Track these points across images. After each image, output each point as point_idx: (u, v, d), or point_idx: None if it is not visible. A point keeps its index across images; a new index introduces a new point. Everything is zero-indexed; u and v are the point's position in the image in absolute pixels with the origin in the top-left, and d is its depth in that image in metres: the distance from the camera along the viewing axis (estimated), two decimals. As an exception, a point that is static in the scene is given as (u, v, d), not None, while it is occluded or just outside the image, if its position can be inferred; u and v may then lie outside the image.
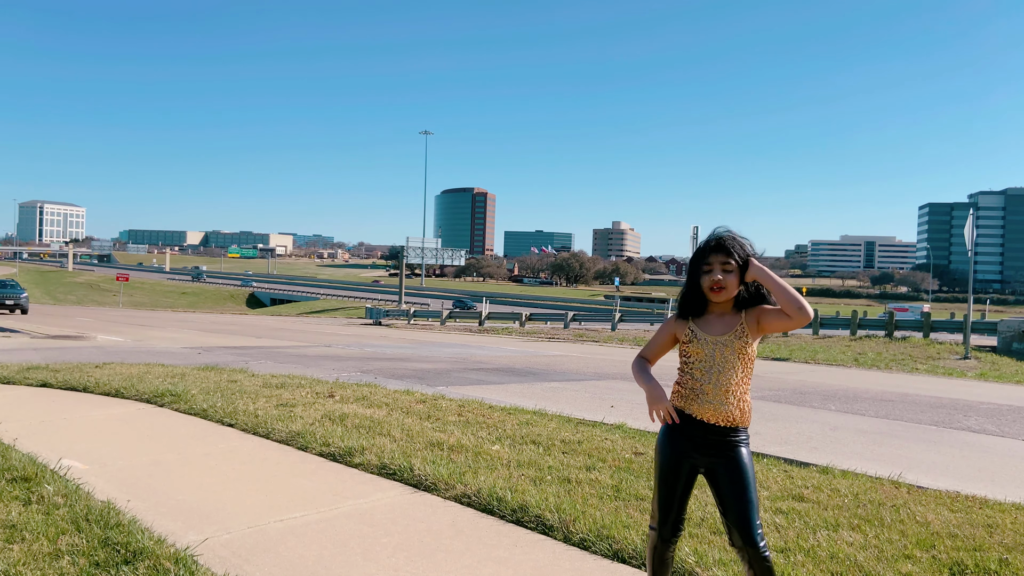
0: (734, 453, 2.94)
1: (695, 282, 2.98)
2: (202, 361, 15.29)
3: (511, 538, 4.26)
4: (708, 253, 2.95)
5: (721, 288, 2.92)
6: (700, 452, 2.97)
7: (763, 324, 2.96)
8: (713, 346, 2.95)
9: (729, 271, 2.92)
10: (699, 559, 3.83)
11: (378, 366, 15.62)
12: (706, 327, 2.99)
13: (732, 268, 2.92)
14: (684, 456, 3.00)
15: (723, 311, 2.99)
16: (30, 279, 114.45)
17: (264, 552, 3.96)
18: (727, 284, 2.92)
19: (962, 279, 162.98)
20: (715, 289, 2.92)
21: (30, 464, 5.25)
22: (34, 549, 3.75)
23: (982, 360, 19.28)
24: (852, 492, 5.26)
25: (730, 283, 2.92)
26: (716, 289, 2.92)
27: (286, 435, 6.63)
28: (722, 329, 2.96)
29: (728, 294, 2.93)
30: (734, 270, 2.92)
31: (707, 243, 2.97)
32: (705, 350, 2.96)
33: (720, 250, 2.93)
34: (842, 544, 4.14)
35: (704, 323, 3.00)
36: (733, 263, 2.91)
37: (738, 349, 2.94)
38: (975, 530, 4.49)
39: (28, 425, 7.17)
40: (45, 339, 23.70)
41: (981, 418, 9.76)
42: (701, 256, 2.97)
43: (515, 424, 7.39)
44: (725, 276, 2.92)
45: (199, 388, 9.11)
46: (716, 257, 2.93)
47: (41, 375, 10.58)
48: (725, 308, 2.99)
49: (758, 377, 14.50)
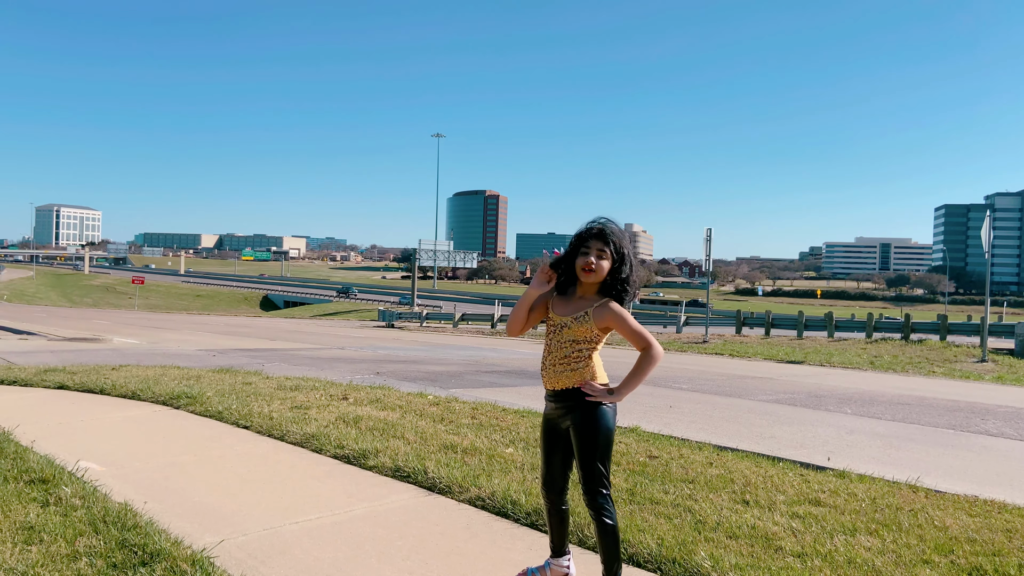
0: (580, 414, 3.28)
1: (570, 259, 3.27)
2: (217, 363, 15.37)
3: (526, 541, 4.25)
4: (588, 238, 3.25)
5: (591, 271, 3.21)
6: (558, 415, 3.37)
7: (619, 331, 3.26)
8: (559, 320, 3.30)
9: (603, 258, 3.22)
10: (715, 563, 3.81)
11: (391, 368, 15.65)
12: (561, 307, 3.33)
13: (606, 255, 3.23)
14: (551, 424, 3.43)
15: (584, 294, 3.30)
16: (46, 282, 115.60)
17: (280, 554, 3.97)
18: (598, 268, 3.22)
19: (979, 281, 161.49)
20: (586, 270, 3.22)
21: (48, 466, 5.29)
22: (52, 550, 3.77)
23: (999, 363, 19.09)
24: (869, 496, 5.22)
25: (601, 268, 3.22)
26: (587, 270, 3.22)
27: (301, 437, 6.65)
28: (572, 310, 3.28)
29: (597, 277, 3.23)
30: (607, 258, 3.23)
31: (589, 228, 3.26)
32: (553, 324, 3.34)
33: (600, 237, 3.23)
34: (860, 549, 4.11)
35: (562, 302, 3.33)
36: (608, 251, 3.22)
37: (574, 332, 3.26)
38: (994, 535, 4.44)
39: (46, 427, 7.23)
40: (62, 341, 23.92)
41: (999, 422, 9.66)
42: (582, 239, 3.26)
43: (528, 427, 7.38)
44: (597, 261, 3.22)
45: (214, 390, 9.16)
46: (595, 243, 3.23)
47: (58, 377, 10.67)
48: (588, 291, 3.30)
49: (772, 380, 14.43)
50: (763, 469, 5.98)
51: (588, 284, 3.27)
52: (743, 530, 4.35)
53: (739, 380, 14.23)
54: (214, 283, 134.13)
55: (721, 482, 5.46)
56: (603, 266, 3.22)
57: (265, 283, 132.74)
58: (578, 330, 3.26)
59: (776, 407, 10.59)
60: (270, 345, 23.67)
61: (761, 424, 8.95)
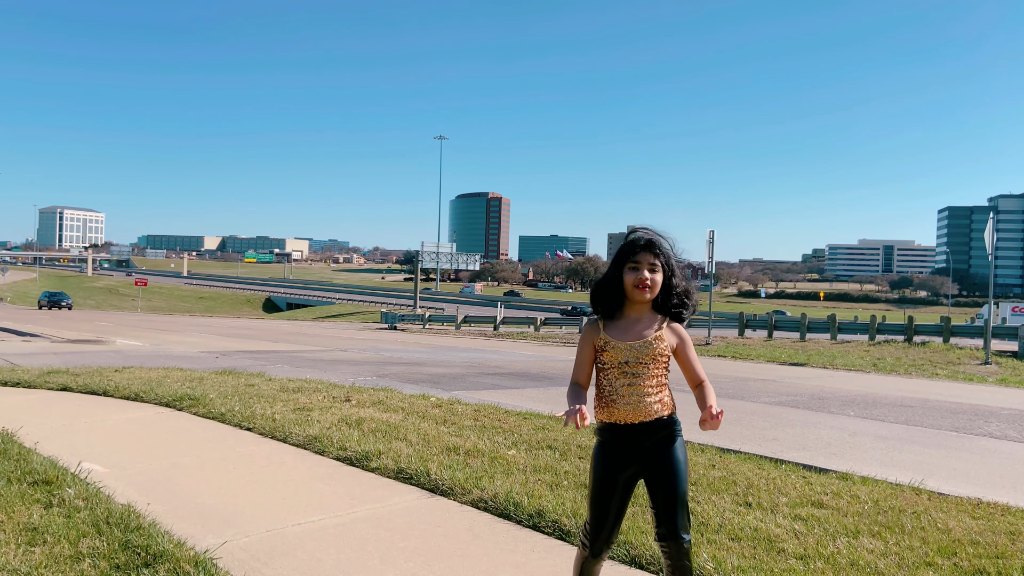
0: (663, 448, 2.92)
1: (617, 278, 2.92)
2: (220, 365, 15.39)
3: (528, 543, 4.25)
4: (637, 250, 2.91)
5: (647, 287, 2.88)
6: (633, 455, 2.93)
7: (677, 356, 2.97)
8: (627, 351, 2.91)
9: (655, 271, 2.90)
10: (718, 565, 3.81)
11: (394, 370, 15.66)
12: (620, 333, 2.94)
13: (658, 268, 2.91)
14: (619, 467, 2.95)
15: (640, 314, 2.95)
16: (50, 284, 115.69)
17: (282, 556, 3.98)
18: (653, 284, 2.89)
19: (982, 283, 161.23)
20: (640, 287, 2.88)
21: (51, 467, 5.30)
22: (55, 552, 3.78)
23: (1003, 365, 19.06)
24: (872, 499, 5.22)
25: (656, 283, 2.90)
26: (642, 287, 2.88)
27: (303, 439, 6.65)
28: (636, 335, 2.92)
29: (652, 294, 2.91)
30: (660, 271, 2.91)
31: (635, 240, 2.93)
32: (619, 356, 2.91)
33: (649, 248, 2.91)
34: (862, 551, 4.11)
35: (617, 328, 2.95)
36: (660, 264, 2.91)
37: (652, 354, 2.91)
38: (997, 537, 4.44)
39: (49, 429, 7.24)
40: (65, 343, 23.97)
41: (1002, 424, 9.65)
42: (629, 252, 2.92)
43: (531, 429, 7.38)
44: (651, 275, 2.89)
45: (217, 392, 9.17)
46: (644, 256, 2.90)
47: (61, 379, 10.69)
48: (642, 311, 2.95)
49: (775, 382, 14.42)
50: (766, 471, 5.97)
51: (640, 304, 2.93)
52: (746, 532, 4.35)
53: (742, 382, 14.22)
54: (217, 285, 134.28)
55: (723, 484, 5.46)
56: (657, 281, 2.90)
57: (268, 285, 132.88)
58: (652, 353, 2.91)
59: (779, 409, 10.58)
60: (273, 347, 23.70)
61: (764, 426, 8.94)
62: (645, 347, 2.90)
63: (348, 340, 29.33)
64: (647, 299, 2.91)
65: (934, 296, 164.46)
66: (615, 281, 2.93)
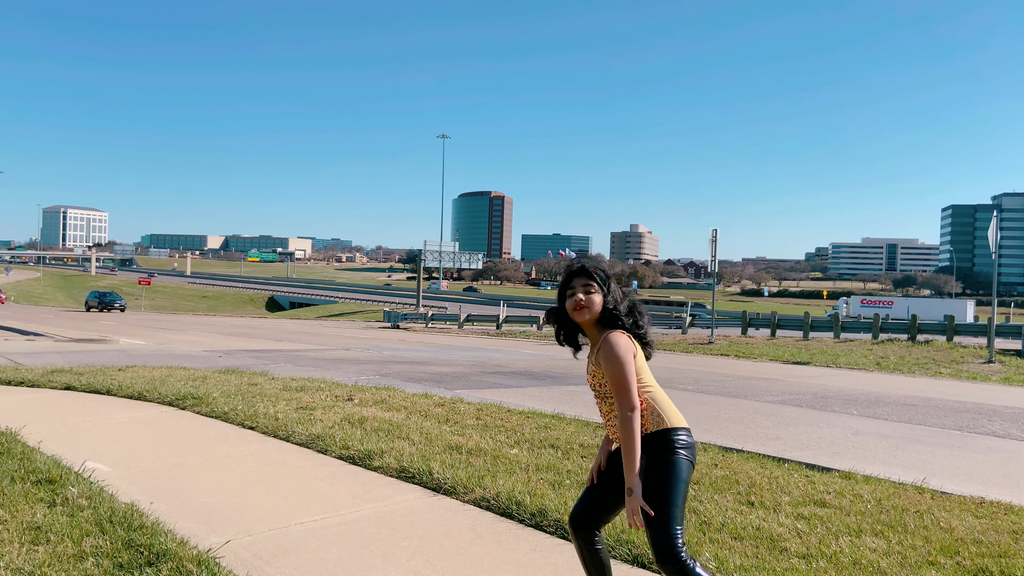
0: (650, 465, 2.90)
1: (561, 307, 3.08)
2: (223, 364, 15.42)
3: (530, 542, 4.26)
4: (569, 279, 3.06)
5: (583, 307, 2.99)
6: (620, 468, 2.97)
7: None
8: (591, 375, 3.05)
9: (591, 292, 3.00)
10: (720, 564, 3.81)
11: (396, 369, 15.67)
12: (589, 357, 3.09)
13: (594, 289, 3.00)
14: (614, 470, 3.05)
15: (593, 337, 3.06)
16: (53, 283, 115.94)
17: (285, 554, 3.98)
18: (589, 303, 2.99)
19: (986, 282, 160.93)
20: (578, 309, 3.00)
21: (55, 466, 5.32)
22: (59, 551, 3.79)
23: (1007, 364, 19.02)
24: (875, 498, 5.21)
25: (593, 302, 2.99)
26: (579, 308, 3.00)
27: (306, 438, 6.67)
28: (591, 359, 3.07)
29: (591, 312, 2.99)
30: (596, 291, 3.00)
31: (570, 268, 3.09)
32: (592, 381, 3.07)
33: (581, 273, 3.03)
34: (865, 550, 4.10)
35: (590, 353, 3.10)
36: (595, 284, 3.00)
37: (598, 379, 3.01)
38: (1000, 536, 4.43)
39: (52, 428, 7.26)
40: (68, 342, 24.02)
41: (1006, 423, 9.63)
42: (566, 281, 3.07)
43: (533, 428, 7.39)
44: (587, 296, 2.99)
45: (220, 391, 9.19)
46: (577, 280, 3.03)
47: (65, 378, 10.72)
48: (594, 333, 3.05)
49: (778, 381, 14.40)
50: (768, 470, 5.97)
51: (585, 325, 3.04)
52: (748, 531, 4.35)
53: (745, 381, 14.21)
54: (220, 284, 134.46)
55: (726, 483, 5.46)
56: (594, 300, 2.98)
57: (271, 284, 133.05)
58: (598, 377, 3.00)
59: (782, 408, 10.57)
60: (276, 346, 23.72)
61: (767, 425, 8.94)
62: (594, 370, 3.02)
63: (351, 339, 29.35)
64: (586, 319, 3.02)
65: (938, 295, 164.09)
66: (560, 310, 3.10)
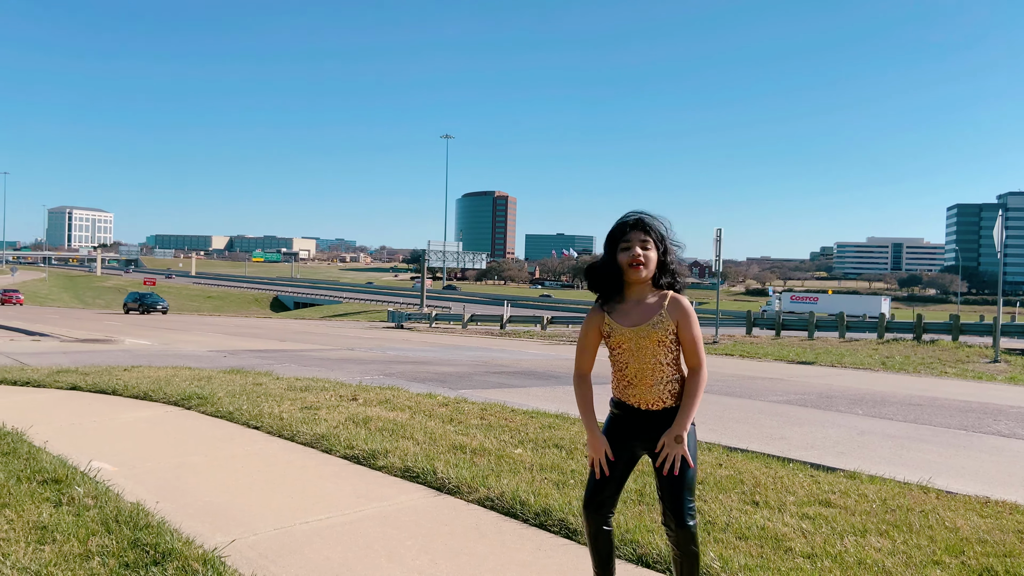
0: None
1: (612, 260, 2.95)
2: (228, 364, 15.45)
3: (534, 541, 4.26)
4: (627, 230, 2.95)
5: (640, 264, 2.91)
6: (640, 438, 3.01)
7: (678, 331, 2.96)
8: (632, 337, 2.95)
9: (647, 248, 2.93)
10: (724, 564, 3.81)
11: (400, 369, 15.69)
12: (622, 317, 2.97)
13: (650, 246, 2.93)
14: (624, 442, 3.03)
15: (640, 296, 2.98)
16: (59, 283, 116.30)
17: (290, 554, 3.99)
18: (646, 260, 2.92)
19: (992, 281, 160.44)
20: (634, 265, 2.91)
21: (60, 466, 5.33)
22: (65, 550, 3.81)
23: (1012, 363, 18.95)
24: (880, 497, 5.20)
25: (649, 259, 2.93)
26: (635, 265, 2.91)
27: (311, 438, 6.68)
28: (639, 318, 2.95)
29: (647, 271, 2.93)
30: (652, 248, 2.94)
31: (624, 221, 2.97)
32: (625, 342, 2.96)
33: (638, 227, 2.94)
34: (870, 550, 4.10)
35: (620, 313, 2.98)
36: (652, 241, 2.94)
37: (658, 338, 2.94)
38: (1005, 536, 4.42)
39: (58, 428, 7.28)
40: (74, 343, 24.08)
41: (1011, 422, 9.60)
42: (619, 234, 2.95)
43: (538, 427, 7.39)
44: (644, 252, 2.92)
45: (225, 391, 9.20)
46: (635, 234, 2.94)
47: (71, 378, 10.75)
48: (643, 292, 2.98)
49: (783, 380, 14.38)
50: (773, 470, 5.96)
51: (638, 284, 2.95)
52: (753, 531, 4.35)
53: (749, 381, 14.19)
54: (225, 284, 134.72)
55: (731, 483, 5.45)
56: (651, 257, 2.92)
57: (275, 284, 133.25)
58: (660, 336, 2.93)
59: (787, 408, 10.55)
60: (280, 346, 23.76)
61: (771, 425, 8.92)
62: (649, 330, 2.93)
63: (355, 339, 29.37)
64: (643, 277, 2.93)
65: (943, 294, 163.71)
66: (610, 264, 2.96)
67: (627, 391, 3.00)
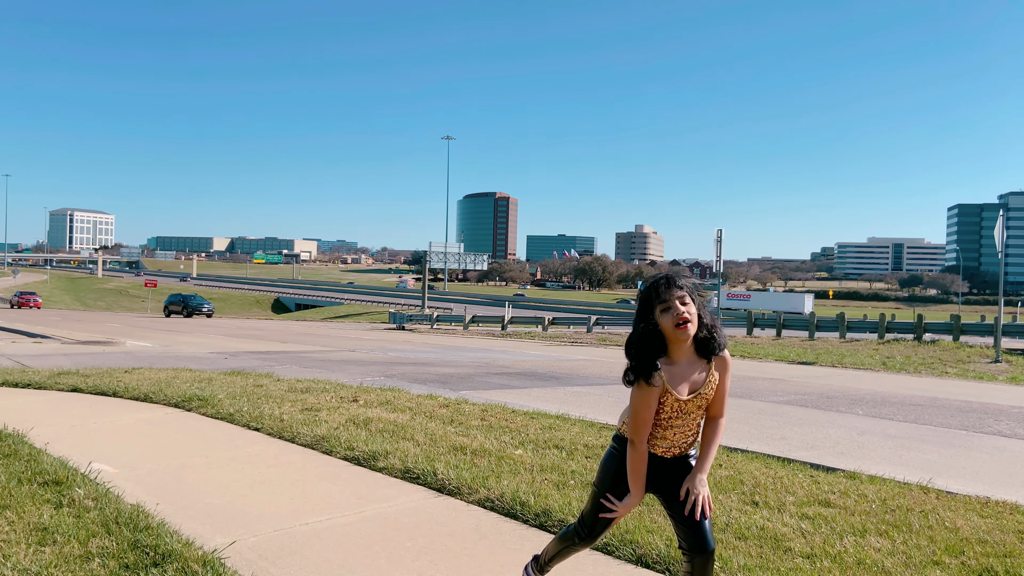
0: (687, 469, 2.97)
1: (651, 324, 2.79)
2: (228, 366, 15.46)
3: (534, 542, 4.26)
4: (660, 291, 2.78)
5: (688, 321, 2.75)
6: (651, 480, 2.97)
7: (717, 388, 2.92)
8: (688, 401, 2.85)
9: (686, 303, 2.78)
10: (724, 564, 3.81)
11: (401, 370, 15.70)
12: (680, 384, 2.83)
13: (688, 300, 2.78)
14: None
15: (688, 356, 2.84)
16: (60, 285, 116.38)
17: (290, 555, 4.00)
18: (692, 316, 2.77)
19: (993, 281, 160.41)
20: (682, 324, 2.75)
21: (61, 468, 5.34)
22: (65, 551, 3.81)
23: (1013, 363, 18.95)
24: (880, 497, 5.21)
25: (694, 315, 2.78)
26: (683, 324, 2.75)
27: (311, 439, 6.69)
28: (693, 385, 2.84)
29: (695, 327, 2.78)
30: (691, 303, 2.79)
31: (655, 282, 2.81)
32: (681, 407, 2.87)
33: (672, 285, 2.79)
34: (869, 550, 4.10)
35: (676, 379, 2.83)
36: (687, 295, 2.79)
37: (705, 398, 2.88)
38: (1005, 536, 4.42)
39: (59, 429, 7.29)
40: (75, 344, 24.10)
41: (1012, 422, 9.60)
42: (653, 295, 2.79)
43: (538, 428, 7.39)
44: (686, 308, 2.77)
45: (226, 393, 9.21)
46: (671, 292, 2.77)
47: (71, 380, 10.76)
48: (688, 352, 2.84)
49: (784, 381, 14.38)
50: (773, 470, 5.96)
51: (683, 344, 2.80)
52: (752, 531, 4.35)
53: (750, 381, 14.19)
54: (226, 286, 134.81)
55: (731, 483, 5.46)
56: (694, 312, 2.78)
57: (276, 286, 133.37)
58: (707, 396, 2.87)
59: (787, 408, 10.55)
60: (281, 348, 23.77)
61: (772, 425, 8.93)
62: (703, 394, 2.87)
63: (356, 340, 29.39)
64: (690, 334, 2.78)
65: (944, 294, 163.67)
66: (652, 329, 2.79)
67: (654, 441, 2.92)
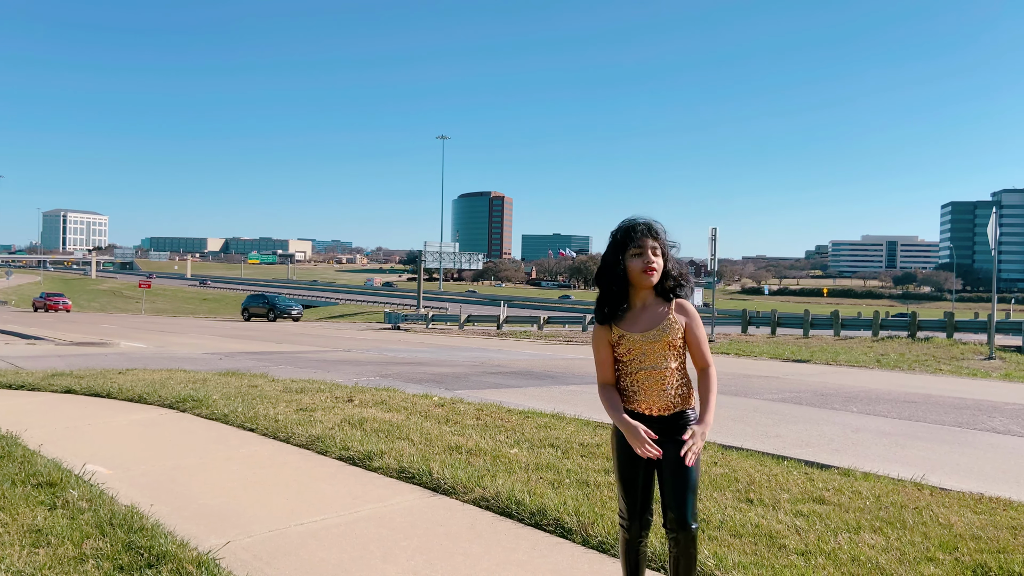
0: (678, 436, 2.96)
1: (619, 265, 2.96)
2: (223, 367, 15.42)
3: (530, 541, 4.27)
4: (636, 236, 2.95)
5: (654, 271, 2.93)
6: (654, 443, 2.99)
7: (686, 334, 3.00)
8: (642, 343, 2.96)
9: (657, 255, 2.95)
10: (719, 562, 3.82)
11: (396, 370, 15.68)
12: (631, 324, 2.98)
13: (659, 252, 2.96)
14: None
15: (645, 301, 3.00)
16: (54, 287, 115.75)
17: (285, 555, 3.99)
18: (658, 267, 2.95)
19: (986, 278, 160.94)
20: (648, 272, 2.93)
21: (55, 469, 5.33)
22: (59, 553, 3.80)
23: (1007, 360, 19.03)
24: (874, 494, 5.22)
25: (660, 266, 2.96)
26: (649, 272, 2.93)
27: (306, 439, 6.67)
28: (648, 324, 2.97)
29: (658, 278, 2.96)
30: (660, 255, 2.96)
31: (633, 225, 2.97)
32: (635, 348, 2.98)
33: (649, 234, 2.96)
34: (863, 547, 4.11)
35: (628, 320, 2.99)
36: (659, 247, 2.96)
37: (667, 341, 2.96)
38: (999, 532, 4.44)
39: (53, 431, 7.27)
40: (69, 345, 24.02)
41: (1006, 419, 9.63)
42: (628, 239, 2.95)
43: (533, 427, 7.39)
44: (655, 259, 2.94)
45: (220, 393, 9.19)
46: (646, 240, 2.95)
47: (65, 381, 10.72)
48: (647, 297, 3.00)
49: (778, 378, 14.41)
50: (767, 468, 5.98)
51: (645, 290, 2.98)
52: (747, 528, 4.36)
53: (744, 379, 14.21)
54: (220, 286, 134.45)
55: (725, 481, 5.47)
56: (660, 264, 2.95)
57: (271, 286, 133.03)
58: (670, 341, 2.96)
59: (781, 406, 10.57)
60: (276, 348, 23.72)
61: (766, 423, 8.94)
62: (660, 335, 2.96)
63: (351, 340, 29.35)
64: (653, 283, 2.96)
65: (938, 292, 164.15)
66: (619, 269, 2.97)
67: (636, 398, 2.99)
